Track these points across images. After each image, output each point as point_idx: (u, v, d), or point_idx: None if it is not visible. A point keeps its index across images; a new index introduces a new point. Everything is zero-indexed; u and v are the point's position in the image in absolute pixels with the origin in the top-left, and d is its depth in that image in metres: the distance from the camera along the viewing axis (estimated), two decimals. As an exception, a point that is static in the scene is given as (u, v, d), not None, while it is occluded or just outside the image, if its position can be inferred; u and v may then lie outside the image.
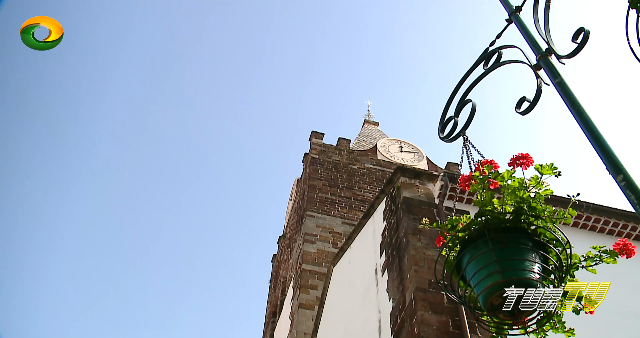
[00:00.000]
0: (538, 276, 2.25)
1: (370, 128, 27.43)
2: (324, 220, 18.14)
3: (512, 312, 2.23)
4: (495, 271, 2.25)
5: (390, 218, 8.76)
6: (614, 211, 8.13)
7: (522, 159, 2.50)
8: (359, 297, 9.51)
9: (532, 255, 2.30)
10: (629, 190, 2.03)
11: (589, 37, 2.55)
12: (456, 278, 2.46)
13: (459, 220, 2.52)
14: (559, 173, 2.46)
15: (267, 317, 21.34)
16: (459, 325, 6.19)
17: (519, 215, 2.38)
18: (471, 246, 2.40)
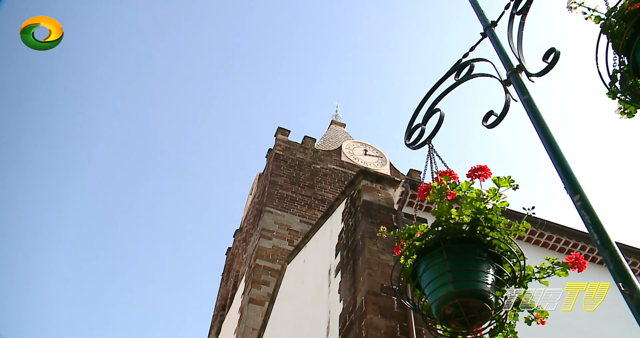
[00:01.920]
0: (491, 286, 2.27)
1: (336, 129, 27.49)
2: (282, 217, 18.10)
3: (464, 322, 2.26)
4: (449, 281, 2.27)
5: (349, 220, 8.78)
6: (567, 229, 8.32)
7: (481, 171, 2.53)
8: (310, 296, 9.51)
9: (487, 266, 2.33)
10: (584, 210, 2.07)
11: (559, 57, 2.60)
12: (412, 285, 2.47)
13: (417, 229, 2.54)
14: (516, 186, 2.50)
15: (216, 310, 21.18)
16: (406, 331, 6.24)
17: (475, 226, 2.40)
18: (427, 255, 2.42)
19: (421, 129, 3.19)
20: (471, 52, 3.21)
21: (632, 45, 2.06)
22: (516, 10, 3.00)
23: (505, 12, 3.07)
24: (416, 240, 2.47)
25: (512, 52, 2.85)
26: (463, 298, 2.23)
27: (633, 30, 2.05)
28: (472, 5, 3.44)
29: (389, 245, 7.49)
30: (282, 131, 22.89)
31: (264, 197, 19.26)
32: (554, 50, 2.63)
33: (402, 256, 2.50)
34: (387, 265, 7.16)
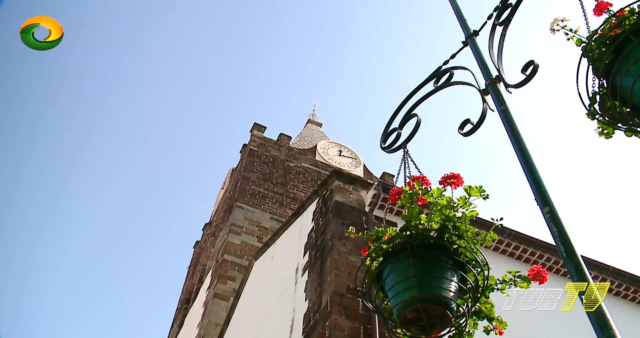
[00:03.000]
0: (453, 294, 2.29)
1: (312, 128, 27.50)
2: (252, 213, 18.04)
3: (424, 327, 2.27)
4: (413, 285, 2.28)
5: (319, 220, 8.78)
6: (534, 240, 8.43)
7: (453, 179, 2.54)
8: (276, 294, 9.49)
9: (451, 273, 2.35)
10: (552, 223, 2.10)
11: (538, 70, 2.63)
12: (375, 287, 2.48)
13: (385, 232, 2.55)
14: (486, 195, 2.52)
15: (181, 303, 21.03)
16: (369, 333, 6.26)
17: (443, 233, 2.42)
18: (393, 258, 2.43)
19: (397, 133, 3.20)
20: (452, 60, 3.23)
21: (611, 69, 2.11)
22: (498, 21, 3.02)
23: (488, 22, 3.09)
24: (384, 242, 2.48)
25: (492, 62, 2.88)
26: (425, 303, 2.24)
27: (612, 56, 2.09)
28: (455, 14, 3.46)
29: (357, 246, 7.51)
30: (258, 127, 22.82)
31: (235, 192, 19.17)
32: (533, 63, 2.66)
33: (369, 257, 2.51)
34: (354, 266, 7.18)
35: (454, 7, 3.52)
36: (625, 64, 2.04)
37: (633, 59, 2.01)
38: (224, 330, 12.05)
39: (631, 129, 2.19)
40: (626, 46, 2.05)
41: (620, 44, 2.07)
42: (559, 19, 2.41)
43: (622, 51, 2.06)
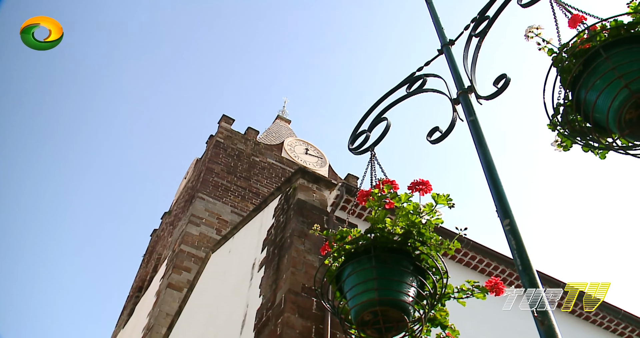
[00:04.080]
0: (412, 299, 2.30)
1: (281, 124, 27.43)
2: (213, 205, 17.90)
3: (380, 330, 2.28)
4: (372, 288, 2.28)
5: (280, 217, 8.76)
6: (492, 252, 8.56)
7: (422, 186, 2.55)
8: (230, 288, 9.43)
9: (411, 278, 2.36)
10: (511, 235, 2.12)
11: (509, 84, 2.66)
12: (334, 288, 2.48)
13: (349, 232, 2.54)
14: (452, 204, 2.54)
15: (132, 291, 20.73)
16: (321, 333, 6.26)
17: (406, 238, 2.43)
18: (355, 260, 2.43)
19: (366, 136, 3.20)
20: (426, 67, 3.24)
21: (578, 82, 2.13)
22: (475, 33, 3.05)
23: (464, 32, 3.12)
24: (347, 243, 2.48)
25: (465, 72, 2.90)
26: (384, 306, 2.25)
27: (581, 68, 2.12)
28: (433, 22, 3.48)
29: (316, 245, 7.51)
30: (226, 119, 22.65)
31: (198, 183, 19.00)
32: (505, 76, 2.69)
33: (329, 257, 2.50)
34: (311, 265, 7.17)
35: (432, 15, 3.54)
36: (592, 78, 2.07)
37: (600, 74, 2.04)
38: (175, 321, 11.92)
39: (588, 145, 2.22)
40: (595, 60, 2.08)
41: (590, 57, 2.10)
42: (534, 27, 2.43)
43: (590, 64, 2.09)
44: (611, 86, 1.99)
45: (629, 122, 1.97)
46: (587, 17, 2.29)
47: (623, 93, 1.94)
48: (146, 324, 14.94)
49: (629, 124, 1.97)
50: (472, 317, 6.02)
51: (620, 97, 1.95)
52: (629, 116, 1.96)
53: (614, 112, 1.98)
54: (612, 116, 1.99)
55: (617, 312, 9.16)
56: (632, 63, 1.99)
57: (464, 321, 2.75)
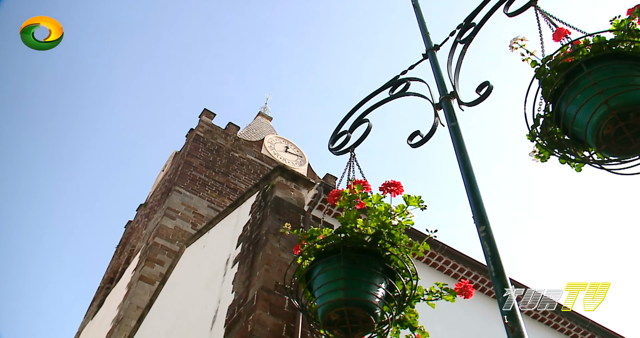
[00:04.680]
0: (380, 300, 2.30)
1: (262, 121, 27.37)
2: (190, 199, 17.79)
3: (346, 330, 2.28)
4: (340, 288, 2.28)
5: (257, 213, 8.73)
6: (464, 257, 8.63)
7: (393, 187, 2.56)
8: (203, 283, 9.39)
9: (380, 279, 2.36)
10: (486, 242, 2.13)
11: (492, 91, 2.67)
12: (303, 286, 2.47)
13: (320, 232, 2.54)
14: (424, 206, 2.55)
15: (103, 282, 20.51)
16: (292, 332, 6.26)
17: (377, 239, 2.43)
18: (325, 259, 2.42)
19: (347, 136, 3.19)
20: (410, 71, 3.25)
21: (559, 95, 2.16)
22: (460, 39, 3.06)
23: (450, 38, 3.13)
24: (317, 242, 2.48)
25: (448, 78, 2.91)
26: (350, 307, 2.25)
27: (562, 82, 2.15)
28: (419, 26, 3.49)
29: (291, 244, 7.50)
30: (207, 113, 22.55)
31: (175, 176, 18.87)
32: (488, 84, 2.71)
33: (300, 256, 2.50)
34: (285, 263, 7.17)
35: (418, 20, 3.55)
36: (572, 92, 2.10)
37: (581, 88, 2.07)
38: (145, 314, 11.83)
39: (565, 157, 2.24)
40: (577, 75, 2.11)
41: (572, 71, 2.13)
42: (519, 38, 2.46)
43: (572, 78, 2.12)
44: (591, 101, 2.02)
45: (606, 138, 2.00)
46: (572, 31, 2.32)
47: (602, 109, 1.98)
48: (116, 316, 14.80)
49: (606, 140, 2.00)
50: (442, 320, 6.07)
51: (599, 113, 1.98)
52: (606, 132, 1.99)
53: (592, 127, 2.01)
54: (590, 131, 2.02)
55: (584, 321, 9.30)
56: (612, 80, 2.02)
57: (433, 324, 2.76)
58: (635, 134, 1.97)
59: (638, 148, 2.00)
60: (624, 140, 1.99)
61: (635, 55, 2.09)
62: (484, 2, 3.01)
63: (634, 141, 1.98)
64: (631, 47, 2.11)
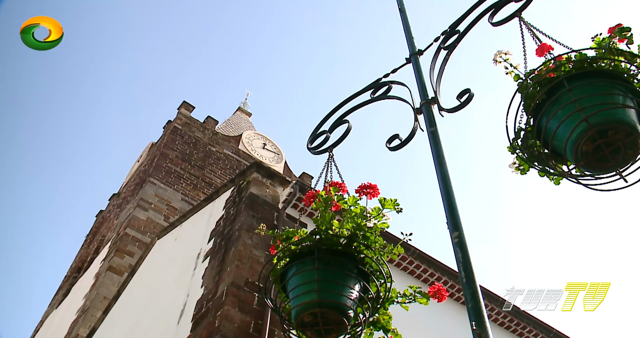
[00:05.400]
0: (353, 302, 2.31)
1: (241, 117, 27.27)
2: (164, 191, 17.65)
3: (319, 332, 2.28)
4: (314, 290, 2.28)
5: (231, 209, 8.70)
6: (436, 262, 8.69)
7: (369, 189, 2.56)
8: (172, 276, 9.32)
9: (354, 281, 2.36)
10: (458, 248, 2.15)
11: (472, 99, 2.69)
12: (278, 287, 2.47)
13: (295, 233, 2.53)
14: (400, 209, 2.55)
15: (71, 271, 20.24)
16: (259, 329, 6.24)
17: (352, 241, 2.43)
18: (299, 260, 2.42)
19: (326, 136, 3.19)
20: (392, 74, 3.26)
21: (540, 109, 2.19)
22: (444, 46, 3.08)
23: (434, 44, 3.15)
24: (292, 243, 2.47)
25: (430, 83, 2.93)
26: (324, 308, 2.25)
27: (544, 97, 2.17)
28: (404, 31, 3.50)
29: (263, 241, 7.48)
30: (186, 106, 22.41)
31: (151, 167, 18.71)
32: (469, 91, 2.72)
33: (276, 256, 2.49)
34: (257, 260, 7.15)
35: (403, 24, 3.56)
36: (554, 107, 2.13)
37: (562, 104, 2.10)
38: (112, 305, 11.71)
39: (544, 170, 2.28)
40: (558, 90, 2.14)
41: (554, 87, 2.16)
42: (502, 52, 2.49)
43: (554, 94, 2.15)
44: (571, 118, 2.05)
45: (584, 154, 2.03)
46: (555, 46, 2.35)
47: (582, 126, 2.01)
48: (81, 306, 14.63)
49: (585, 156, 2.04)
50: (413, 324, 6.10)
51: (579, 130, 2.02)
52: (585, 148, 2.02)
53: (572, 143, 2.04)
54: (569, 146, 2.06)
55: (549, 330, 9.44)
56: (592, 97, 2.06)
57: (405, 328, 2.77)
58: (613, 151, 2.01)
59: (615, 165, 2.05)
60: (602, 157, 2.03)
61: (615, 73, 2.13)
62: (469, 11, 3.03)
63: (611, 159, 2.02)
64: (612, 65, 2.15)
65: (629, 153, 2.03)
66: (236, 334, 6.01)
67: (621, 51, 2.17)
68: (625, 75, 2.13)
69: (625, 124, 2.00)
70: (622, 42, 2.20)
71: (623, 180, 2.08)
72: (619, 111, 2.03)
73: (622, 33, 2.22)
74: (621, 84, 2.11)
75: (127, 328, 9.77)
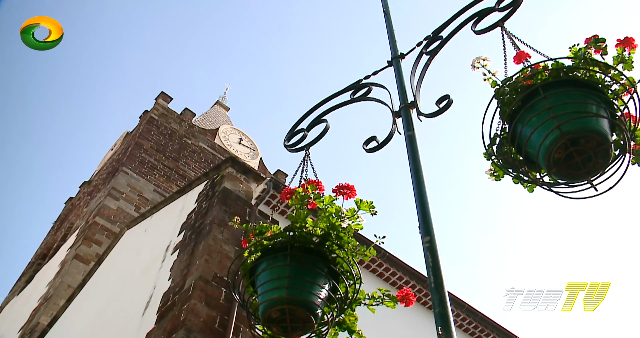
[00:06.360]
0: (321, 301, 2.30)
1: (219, 110, 27.11)
2: (137, 181, 17.47)
3: (285, 329, 2.27)
4: (284, 286, 2.27)
5: (203, 202, 8.64)
6: (406, 266, 8.74)
7: (347, 190, 2.56)
8: (140, 267, 9.23)
9: (324, 280, 2.36)
10: (429, 253, 2.16)
11: (451, 105, 2.70)
12: (247, 281, 2.45)
13: (269, 228, 2.53)
14: (375, 212, 2.56)
15: (35, 258, 19.90)
16: (225, 325, 6.21)
17: (325, 240, 2.43)
18: (271, 256, 2.41)
19: (303, 135, 3.18)
20: (373, 76, 3.26)
21: (515, 116, 2.21)
22: (426, 50, 3.09)
23: (416, 48, 3.15)
24: (265, 238, 2.46)
25: (410, 87, 2.93)
26: (292, 305, 2.24)
27: (520, 104, 2.20)
28: (388, 33, 3.51)
29: (234, 236, 7.45)
30: (164, 96, 22.22)
31: (124, 156, 18.51)
32: (448, 97, 2.73)
33: (247, 250, 2.48)
34: (226, 255, 7.11)
35: (387, 27, 3.56)
36: (528, 114, 2.15)
37: (536, 111, 2.12)
38: (76, 294, 11.55)
39: (518, 177, 2.30)
40: (534, 98, 2.16)
41: (529, 94, 2.18)
42: (481, 58, 2.50)
43: (529, 101, 2.17)
44: (545, 125, 2.07)
45: (556, 161, 2.06)
46: (533, 54, 2.37)
47: (555, 133, 2.03)
48: (44, 294, 14.40)
49: (557, 163, 2.06)
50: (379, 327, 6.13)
51: (552, 137, 2.04)
52: (557, 156, 2.05)
53: (545, 150, 2.07)
54: (542, 153, 2.08)
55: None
56: (566, 105, 2.08)
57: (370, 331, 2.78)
58: (585, 160, 2.04)
59: (586, 173, 2.07)
60: (573, 165, 2.05)
61: (590, 83, 2.16)
62: (453, 17, 3.05)
63: (582, 167, 2.05)
64: (587, 75, 2.18)
65: (599, 162, 2.06)
66: (201, 328, 5.97)
67: (596, 61, 2.20)
68: (599, 85, 2.16)
69: (597, 133, 2.03)
70: (598, 53, 2.24)
71: (593, 189, 2.11)
72: (592, 120, 2.07)
73: (597, 44, 2.25)
74: (595, 94, 2.14)
75: (90, 317, 9.64)
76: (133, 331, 7.23)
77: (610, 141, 2.06)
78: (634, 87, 2.15)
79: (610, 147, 2.06)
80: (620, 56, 2.23)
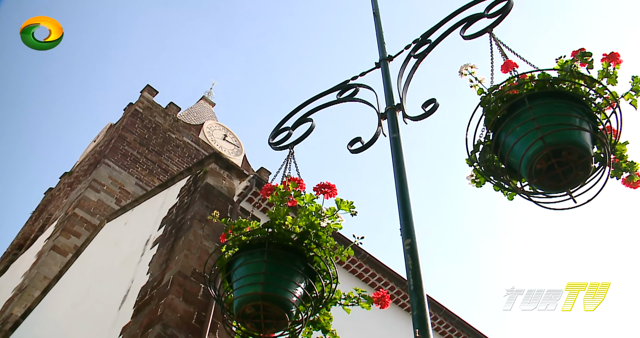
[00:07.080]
0: (297, 299, 2.30)
1: (204, 106, 27.00)
2: (118, 174, 17.34)
3: (259, 325, 2.26)
4: (260, 282, 2.26)
5: (185, 198, 8.60)
6: (385, 268, 8.76)
7: (327, 189, 2.56)
8: (118, 261, 9.16)
9: (300, 279, 2.35)
10: (409, 255, 2.16)
11: (437, 108, 2.71)
12: (223, 276, 2.44)
13: (248, 224, 2.52)
14: (355, 212, 2.56)
15: (11, 248, 19.65)
16: (202, 321, 6.18)
17: (303, 238, 2.42)
18: (248, 251, 2.40)
19: (288, 133, 3.18)
20: (361, 77, 3.26)
21: (500, 125, 2.22)
22: (414, 54, 3.10)
23: (404, 51, 3.16)
24: (243, 234, 2.45)
25: (397, 90, 2.94)
26: (267, 302, 2.23)
27: (505, 112, 2.21)
28: (376, 35, 3.51)
29: (215, 232, 7.42)
30: (149, 90, 22.08)
31: (107, 148, 18.35)
32: (434, 101, 2.74)
33: (225, 245, 2.47)
34: (206, 251, 7.08)
35: (376, 28, 3.57)
36: (513, 123, 2.17)
37: (521, 121, 2.14)
38: (52, 285, 11.43)
39: (499, 185, 2.32)
40: (519, 107, 2.18)
41: (515, 104, 2.19)
42: (468, 65, 2.52)
43: (514, 110, 2.18)
44: (528, 135, 2.09)
45: (538, 172, 2.08)
46: (520, 64, 2.39)
47: (538, 144, 2.05)
48: (19, 284, 14.24)
49: (538, 174, 2.08)
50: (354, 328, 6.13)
51: (535, 147, 2.06)
52: (539, 166, 2.07)
53: (527, 160, 2.08)
54: (524, 163, 2.09)
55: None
56: (550, 117, 2.10)
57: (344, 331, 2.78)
58: (566, 171, 2.06)
59: (566, 184, 2.09)
60: (554, 176, 2.07)
61: (575, 96, 2.18)
62: (442, 22, 3.06)
63: (563, 178, 2.07)
64: (572, 88, 2.20)
65: (580, 174, 2.08)
66: (178, 324, 5.94)
67: (582, 74, 2.23)
68: (584, 98, 2.18)
69: (579, 146, 2.05)
70: (584, 66, 2.26)
71: (572, 200, 2.13)
72: (575, 132, 2.09)
73: (584, 58, 2.28)
74: (579, 107, 2.16)
75: (66, 310, 9.55)
76: (109, 324, 7.17)
77: (592, 154, 2.09)
78: (616, 101, 2.18)
79: (591, 160, 2.08)
80: (605, 70, 2.26)
